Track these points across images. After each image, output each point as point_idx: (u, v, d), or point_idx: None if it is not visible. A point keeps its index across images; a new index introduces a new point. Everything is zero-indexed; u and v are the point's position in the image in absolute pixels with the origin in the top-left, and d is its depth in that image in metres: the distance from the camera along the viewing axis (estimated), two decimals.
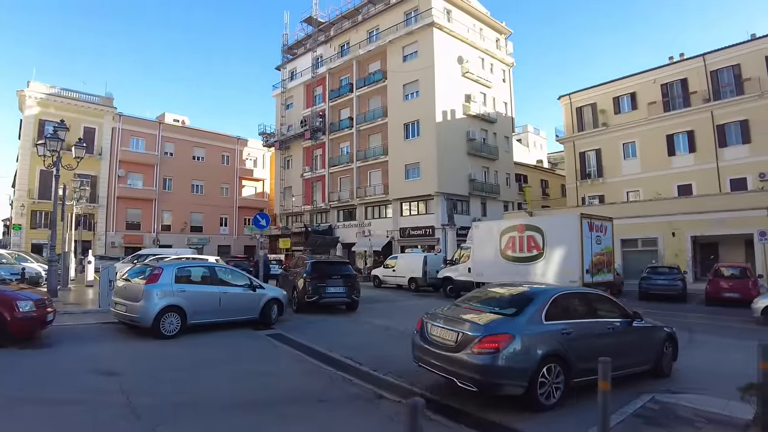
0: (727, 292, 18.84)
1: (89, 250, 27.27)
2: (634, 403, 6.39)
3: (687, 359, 9.82)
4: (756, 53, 31.23)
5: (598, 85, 39.32)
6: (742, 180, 30.53)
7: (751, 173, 30.21)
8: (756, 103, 30.51)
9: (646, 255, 28.20)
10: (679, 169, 33.52)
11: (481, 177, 39.40)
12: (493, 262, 18.89)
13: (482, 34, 41.90)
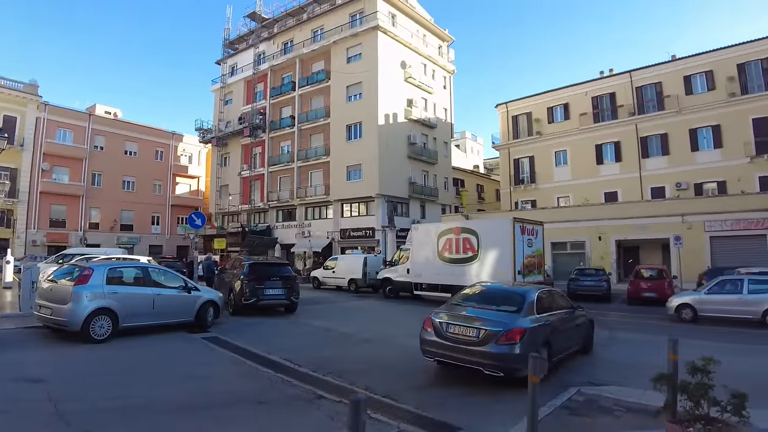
0: (645, 292, 20.32)
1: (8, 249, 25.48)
2: (562, 396, 6.88)
3: (610, 354, 10.61)
4: (675, 73, 33.83)
5: (533, 95, 41.06)
6: (661, 189, 32.90)
7: (669, 183, 32.65)
8: (674, 119, 33.02)
9: (574, 257, 29.82)
10: (606, 177, 35.62)
11: (420, 180, 40.16)
12: (431, 263, 19.42)
13: (425, 40, 42.73)
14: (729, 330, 14.23)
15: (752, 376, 7.54)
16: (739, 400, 4.51)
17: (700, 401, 4.64)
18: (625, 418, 6.00)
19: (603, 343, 11.81)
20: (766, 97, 30.01)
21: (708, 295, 15.65)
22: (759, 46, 30.79)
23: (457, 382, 7.82)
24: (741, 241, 24.96)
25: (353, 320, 15.00)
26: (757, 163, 29.85)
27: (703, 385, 4.63)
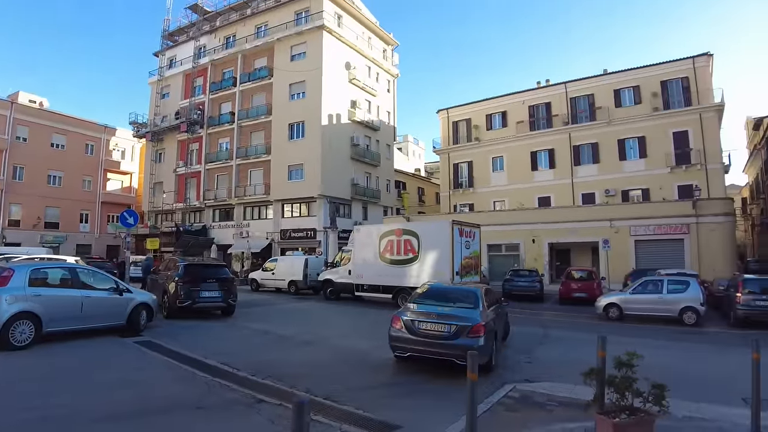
0: (576, 292, 21.41)
1: None
2: (498, 393, 7.14)
3: (544, 351, 11.07)
4: (607, 86, 36.00)
5: (473, 102, 42.23)
6: (592, 195, 34.73)
7: (598, 189, 34.54)
8: (605, 129, 35.05)
9: (509, 259, 30.91)
10: (540, 183, 37.17)
11: (363, 182, 40.33)
12: (372, 264, 19.52)
13: (370, 43, 42.97)
14: (651, 327, 15.28)
15: (671, 368, 8.11)
16: (659, 391, 4.86)
17: (625, 393, 4.94)
18: (557, 412, 6.31)
19: (538, 342, 12.31)
20: (684, 113, 32.52)
21: (632, 295, 16.73)
22: (679, 66, 33.47)
23: (398, 382, 7.96)
24: (662, 245, 26.88)
25: (293, 322, 14.81)
26: (676, 173, 32.24)
27: (628, 379, 4.93)
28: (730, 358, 10.20)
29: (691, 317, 15.53)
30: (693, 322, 15.46)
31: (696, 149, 31.81)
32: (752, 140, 48.95)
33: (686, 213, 26.38)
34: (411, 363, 8.80)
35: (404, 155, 65.59)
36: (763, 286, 15.24)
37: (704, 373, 9.23)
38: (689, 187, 30.51)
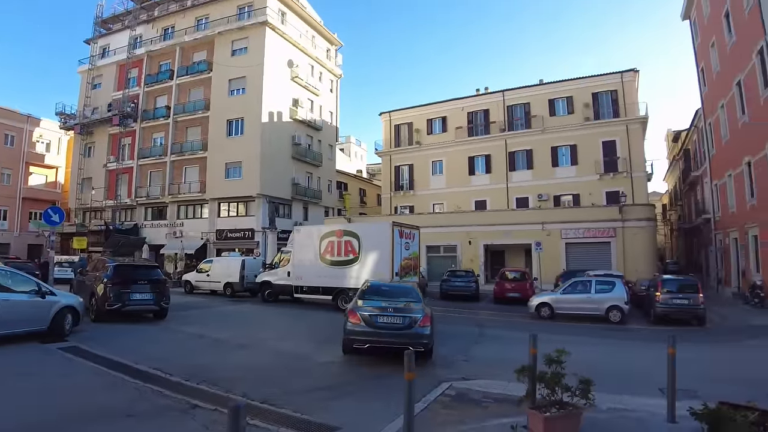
0: (510, 292, 22.17)
1: None
2: (435, 391, 7.27)
3: (480, 350, 11.38)
4: (542, 96, 37.61)
5: (415, 106, 42.83)
6: (525, 199, 36.07)
7: (532, 194, 35.93)
8: (539, 137, 36.52)
9: (447, 260, 31.55)
10: (477, 186, 38.20)
11: (304, 182, 39.88)
12: (312, 265, 19.33)
13: (314, 41, 42.59)
14: (580, 325, 16.06)
15: (597, 364, 8.53)
16: (585, 386, 5.14)
17: (555, 388, 5.18)
18: (492, 408, 6.50)
19: (474, 340, 12.64)
20: (612, 124, 34.50)
21: (563, 295, 17.57)
22: (609, 80, 35.56)
23: (337, 384, 7.93)
24: (590, 247, 28.33)
25: (229, 326, 14.38)
26: (604, 179, 34.07)
27: (557, 374, 5.17)
28: (650, 353, 10.85)
29: (617, 315, 16.49)
30: (618, 320, 16.43)
31: (623, 158, 33.76)
32: (672, 151, 52.69)
33: (613, 218, 27.92)
34: (349, 365, 8.83)
35: (346, 156, 65.49)
36: (679, 285, 16.46)
37: (627, 368, 9.81)
38: (616, 193, 32.40)
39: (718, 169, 27.78)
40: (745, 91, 21.75)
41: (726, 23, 23.52)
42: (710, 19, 26.57)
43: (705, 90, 29.80)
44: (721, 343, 13.22)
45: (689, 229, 41.51)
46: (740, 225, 23.45)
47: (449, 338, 12.59)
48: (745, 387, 7.90)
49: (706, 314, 16.28)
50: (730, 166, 24.96)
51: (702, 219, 32.69)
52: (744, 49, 21.21)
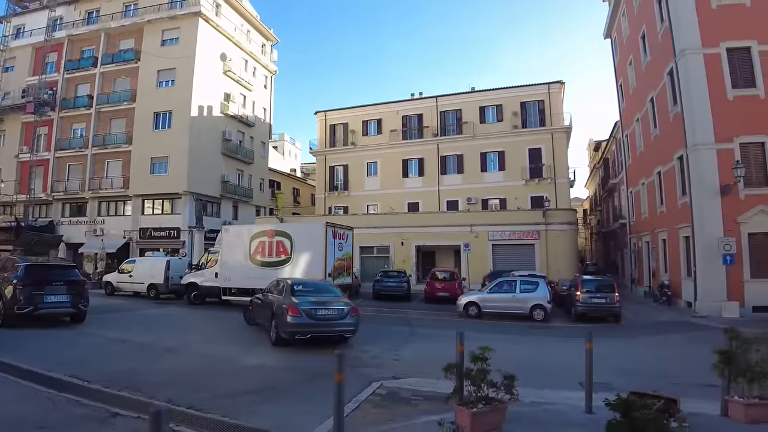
0: (439, 292, 22.73)
1: None
2: (366, 391, 7.31)
3: (411, 348, 11.56)
4: (473, 103, 38.95)
5: (351, 107, 42.98)
6: (455, 202, 37.10)
7: (462, 197, 37.04)
8: (469, 143, 37.74)
9: (380, 260, 31.82)
10: (410, 189, 38.85)
11: (234, 179, 38.76)
12: (242, 266, 18.81)
13: (249, 36, 41.53)
14: (506, 323, 16.73)
15: (522, 360, 8.94)
16: (509, 381, 5.38)
17: (481, 385, 5.37)
18: (422, 406, 6.64)
19: (405, 339, 12.82)
20: (538, 132, 36.34)
21: (489, 294, 18.21)
22: (536, 90, 37.48)
23: (267, 387, 7.77)
24: (516, 249, 29.54)
25: (153, 329, 13.69)
26: (530, 185, 35.76)
27: (482, 371, 5.36)
28: (570, 349, 11.45)
29: (540, 314, 17.31)
30: (541, 318, 17.25)
31: (547, 165, 35.55)
32: (593, 160, 56.10)
33: (537, 221, 29.29)
34: (278, 367, 8.72)
35: (280, 154, 64.30)
36: (597, 285, 17.54)
37: (550, 363, 10.33)
38: (540, 198, 33.98)
39: (633, 178, 29.83)
40: (657, 107, 23.51)
41: (642, 44, 25.31)
42: (629, 39, 28.50)
43: (623, 104, 31.92)
44: (633, 338, 14.16)
45: (607, 232, 44.34)
46: (651, 229, 25.33)
47: (380, 338, 12.72)
48: (653, 378, 8.57)
49: (621, 312, 17.43)
50: (643, 175, 26.87)
51: (618, 224, 35.10)
52: (657, 68, 22.92)
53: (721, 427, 5.92)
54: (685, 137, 19.29)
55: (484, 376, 5.35)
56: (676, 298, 21.05)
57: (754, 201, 18.03)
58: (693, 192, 18.88)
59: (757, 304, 17.13)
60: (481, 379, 5.34)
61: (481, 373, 5.36)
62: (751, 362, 5.95)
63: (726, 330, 6.44)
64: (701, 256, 18.21)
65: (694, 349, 12.09)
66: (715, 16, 19.21)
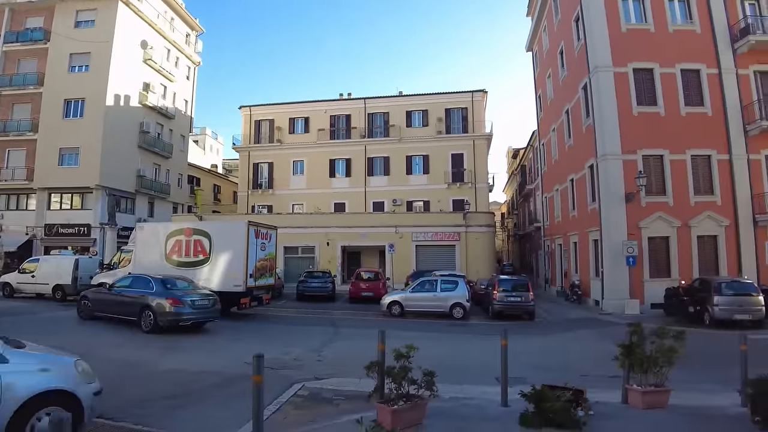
0: (364, 292, 22.81)
1: None
2: (287, 393, 7.19)
3: (334, 348, 11.49)
4: (400, 107, 39.58)
5: (278, 103, 42.08)
6: (381, 203, 37.43)
7: (387, 198, 37.45)
8: (396, 146, 38.28)
9: (305, 261, 31.44)
10: (337, 189, 38.72)
11: (151, 174, 36.72)
12: (157, 266, 17.76)
13: (173, 24, 39.49)
14: (427, 321, 17.10)
15: (442, 357, 9.16)
16: (429, 378, 5.50)
17: (402, 382, 5.45)
18: (344, 406, 6.63)
19: (329, 340, 12.74)
20: (461, 138, 37.61)
21: (412, 294, 18.60)
22: (460, 98, 38.75)
23: (183, 392, 7.43)
24: (438, 250, 30.34)
25: (56, 334, 12.47)
26: (452, 188, 36.86)
27: (404, 369, 5.44)
28: (488, 346, 11.83)
29: (459, 312, 17.86)
30: (461, 316, 17.81)
31: (469, 170, 36.82)
32: (511, 167, 58.81)
33: (458, 223, 30.24)
34: (194, 371, 8.44)
35: (201, 149, 61.72)
36: (513, 285, 18.42)
37: (468, 360, 10.68)
38: (461, 201, 35.06)
39: (548, 184, 31.53)
40: (572, 119, 25.01)
41: (560, 59, 26.86)
42: (548, 54, 30.13)
43: (541, 115, 33.69)
44: (546, 335, 14.95)
45: (523, 235, 46.58)
46: (564, 233, 26.89)
47: (303, 339, 12.59)
48: (564, 372, 9.08)
49: (535, 310, 18.40)
50: (557, 182, 28.48)
51: (534, 227, 37.03)
52: (573, 82, 24.41)
53: (621, 413, 6.39)
54: (596, 148, 20.75)
55: (405, 374, 5.43)
56: (586, 296, 22.51)
57: (653, 208, 19.72)
58: (601, 198, 20.32)
59: (655, 301, 18.75)
60: (402, 377, 5.42)
61: (402, 370, 5.43)
62: (648, 353, 6.47)
63: (629, 325, 6.96)
64: (608, 258, 19.62)
65: (600, 343, 12.97)
66: (624, 38, 20.90)
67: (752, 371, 6.46)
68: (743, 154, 20.13)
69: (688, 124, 20.27)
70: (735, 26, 20.83)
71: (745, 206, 19.80)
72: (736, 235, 19.68)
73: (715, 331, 14.62)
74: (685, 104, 20.49)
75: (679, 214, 19.74)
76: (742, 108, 20.31)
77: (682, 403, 6.76)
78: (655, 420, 6.07)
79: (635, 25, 21.14)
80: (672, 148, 20.14)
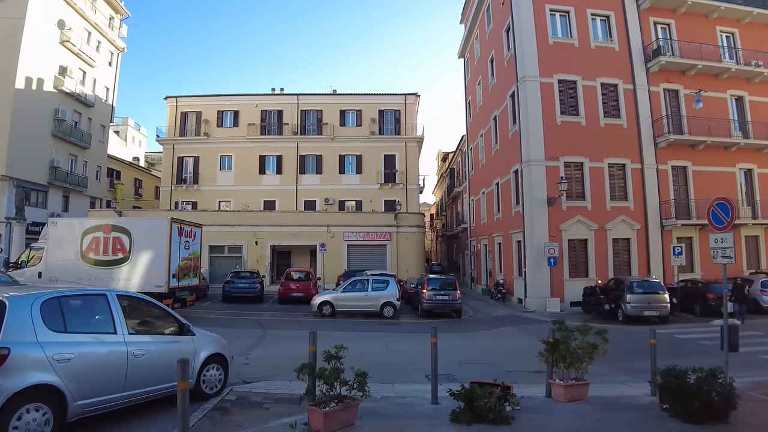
0: (294, 292, 22.34)
1: None
2: (214, 398, 6.85)
3: (263, 351, 11.19)
4: (334, 105, 39.40)
5: (206, 95, 40.33)
6: (313, 202, 37.03)
7: (319, 197, 37.11)
8: (329, 144, 38.06)
9: (231, 260, 30.49)
10: (267, 186, 37.84)
11: (66, 165, 34.06)
12: (71, 265, 16.57)
13: (95, 5, 36.70)
14: (358, 321, 17.11)
15: (373, 356, 9.19)
16: (361, 378, 5.46)
17: (334, 383, 5.37)
18: (274, 409, 6.41)
19: (257, 342, 12.40)
20: (393, 140, 38.17)
21: (343, 293, 18.56)
22: (394, 99, 39.38)
23: None
24: (369, 249, 30.55)
25: None
26: (384, 189, 37.18)
27: (336, 370, 5.37)
28: (418, 344, 12.00)
29: (390, 311, 18.05)
30: (391, 315, 18.01)
31: (400, 171, 37.31)
32: (440, 169, 60.20)
33: (389, 223, 30.56)
34: None
35: (122, 140, 58.17)
36: (441, 284, 18.86)
37: (399, 358, 10.73)
38: (393, 201, 35.47)
39: (475, 187, 32.49)
40: (499, 125, 25.92)
41: (490, 67, 27.74)
42: (479, 61, 31.03)
43: (470, 120, 34.65)
44: (473, 332, 15.37)
45: (451, 235, 47.83)
46: (489, 234, 27.82)
47: (230, 342, 11.95)
48: (490, 367, 9.37)
49: (462, 308, 18.91)
50: (484, 186, 29.42)
51: (461, 228, 38.10)
52: (502, 90, 25.30)
53: (545, 406, 6.67)
54: (521, 153, 21.63)
55: (338, 375, 5.36)
56: (510, 295, 23.42)
57: (573, 212, 20.86)
58: (525, 202, 21.22)
59: (573, 299, 19.91)
60: (335, 378, 5.34)
61: (334, 371, 5.36)
62: (572, 349, 6.79)
63: (553, 322, 7.28)
64: (530, 258, 20.52)
65: (523, 340, 13.52)
66: (551, 51, 21.99)
67: (660, 363, 6.98)
68: (653, 164, 21.78)
69: (606, 134, 21.64)
70: (648, 47, 22.50)
71: (654, 211, 21.44)
72: (645, 238, 21.27)
73: (627, 326, 15.66)
74: (604, 115, 21.86)
75: (597, 218, 21.01)
76: (653, 122, 21.97)
77: (599, 394, 7.22)
78: (576, 411, 6.39)
79: (561, 39, 22.27)
80: (591, 156, 21.39)
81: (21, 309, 4.96)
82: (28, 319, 4.93)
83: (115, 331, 5.68)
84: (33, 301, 5.11)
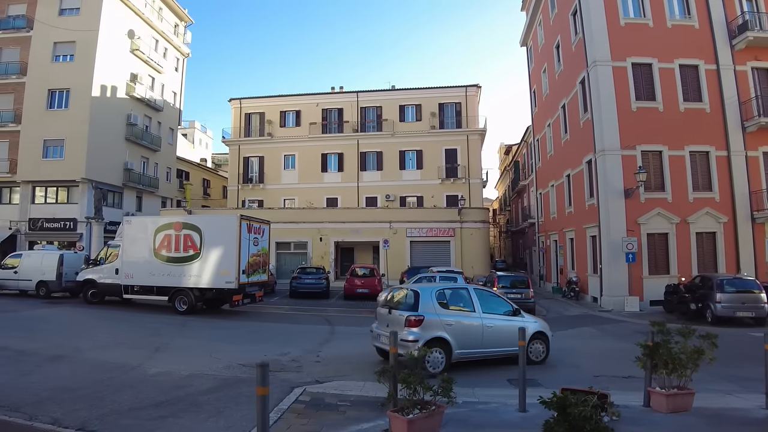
0: (359, 288, 22.31)
1: None
2: (288, 399, 6.66)
3: (332, 349, 11.05)
4: (393, 101, 39.01)
5: (268, 96, 41.28)
6: (374, 198, 36.99)
7: (380, 194, 36.98)
8: (389, 140, 37.79)
9: (297, 257, 30.95)
10: (329, 184, 38.19)
11: (139, 167, 35.88)
12: (145, 262, 17.24)
13: (161, 14, 38.57)
14: None
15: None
16: (447, 384, 5.07)
17: (417, 388, 5.03)
18: (350, 413, 6.11)
19: (326, 339, 12.30)
20: (455, 134, 37.30)
21: None
22: (454, 92, 38.45)
23: (171, 400, 6.79)
24: (432, 245, 30.05)
25: (40, 334, 11.99)
26: (445, 184, 36.49)
27: (418, 375, 5.03)
28: None
29: None
30: None
31: (462, 165, 36.48)
32: (503, 163, 58.62)
33: (452, 219, 29.91)
34: (185, 375, 7.95)
35: (189, 142, 60.75)
36: (512, 281, 18.34)
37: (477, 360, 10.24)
38: (455, 197, 34.79)
39: (542, 180, 31.26)
40: (569, 114, 24.72)
41: (556, 53, 26.53)
42: (543, 48, 29.80)
43: (535, 110, 33.39)
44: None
45: (515, 231, 46.39)
46: (559, 229, 26.63)
47: (300, 338, 12.13)
48: (575, 371, 8.70)
49: (535, 307, 18.06)
50: (552, 178, 28.20)
51: (527, 223, 36.78)
52: (570, 77, 24.09)
53: (645, 417, 6.06)
54: (594, 143, 20.43)
55: (421, 380, 5.03)
56: (583, 293, 22.29)
57: (652, 204, 19.49)
58: (600, 194, 20.05)
59: (654, 298, 18.55)
60: (418, 383, 5.01)
61: (417, 376, 5.03)
62: (674, 353, 6.13)
63: (651, 323, 6.60)
64: (606, 254, 19.35)
65: (604, 341, 12.71)
66: (623, 33, 20.60)
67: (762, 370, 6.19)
68: (741, 150, 19.99)
69: (686, 120, 20.07)
70: (733, 22, 20.63)
71: (743, 203, 19.68)
72: (734, 232, 19.56)
73: (717, 328, 14.36)
74: (684, 100, 20.27)
75: (678, 210, 19.55)
76: (740, 104, 20.14)
77: (703, 405, 6.47)
78: (681, 424, 5.75)
79: (633, 19, 20.87)
80: (671, 144, 19.91)
81: (427, 295, 8.90)
82: (430, 301, 8.77)
83: (474, 311, 9.09)
84: (432, 291, 9.11)
